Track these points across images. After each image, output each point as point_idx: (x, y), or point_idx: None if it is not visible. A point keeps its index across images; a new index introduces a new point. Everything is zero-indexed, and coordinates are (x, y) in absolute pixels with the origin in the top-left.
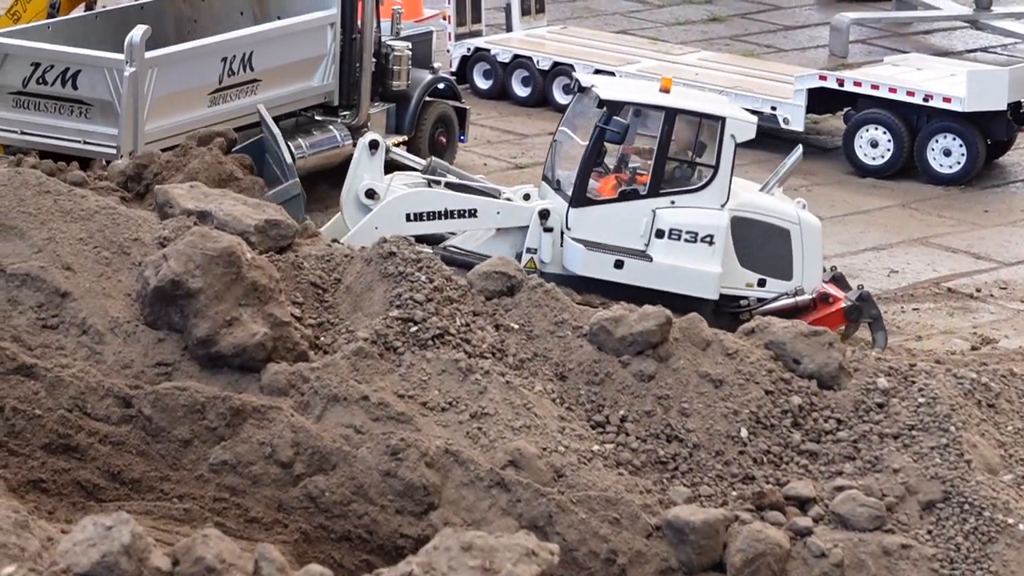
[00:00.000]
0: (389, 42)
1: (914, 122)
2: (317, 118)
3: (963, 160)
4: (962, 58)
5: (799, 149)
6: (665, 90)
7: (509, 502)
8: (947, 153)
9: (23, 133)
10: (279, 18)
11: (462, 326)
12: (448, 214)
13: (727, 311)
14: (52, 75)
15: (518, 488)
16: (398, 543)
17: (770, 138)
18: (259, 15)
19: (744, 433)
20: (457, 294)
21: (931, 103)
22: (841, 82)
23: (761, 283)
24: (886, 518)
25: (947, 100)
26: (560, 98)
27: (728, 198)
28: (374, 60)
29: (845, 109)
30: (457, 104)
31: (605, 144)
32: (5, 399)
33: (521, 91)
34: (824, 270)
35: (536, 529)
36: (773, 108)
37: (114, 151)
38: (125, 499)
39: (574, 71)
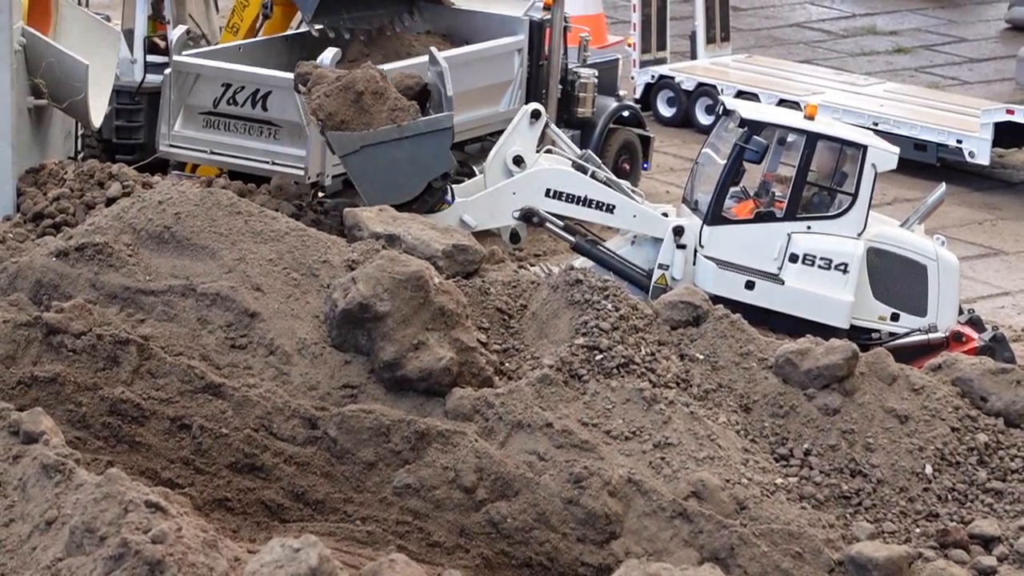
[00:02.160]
0: (575, 69)
1: None
2: None
3: None
4: None
5: (943, 187)
6: (810, 117)
7: (691, 533)
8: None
9: (212, 153)
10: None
11: (647, 355)
12: (587, 202)
13: (857, 343)
14: (242, 96)
15: (700, 519)
16: (579, 571)
17: (955, 171)
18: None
19: (929, 470)
20: (643, 323)
21: None
22: None
23: (894, 317)
24: None
25: None
26: None
27: (865, 227)
28: (560, 87)
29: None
30: (641, 132)
31: (743, 164)
32: (193, 417)
33: (705, 119)
34: (961, 311)
35: (718, 561)
36: (959, 141)
37: (302, 172)
38: (308, 520)
39: (756, 99)
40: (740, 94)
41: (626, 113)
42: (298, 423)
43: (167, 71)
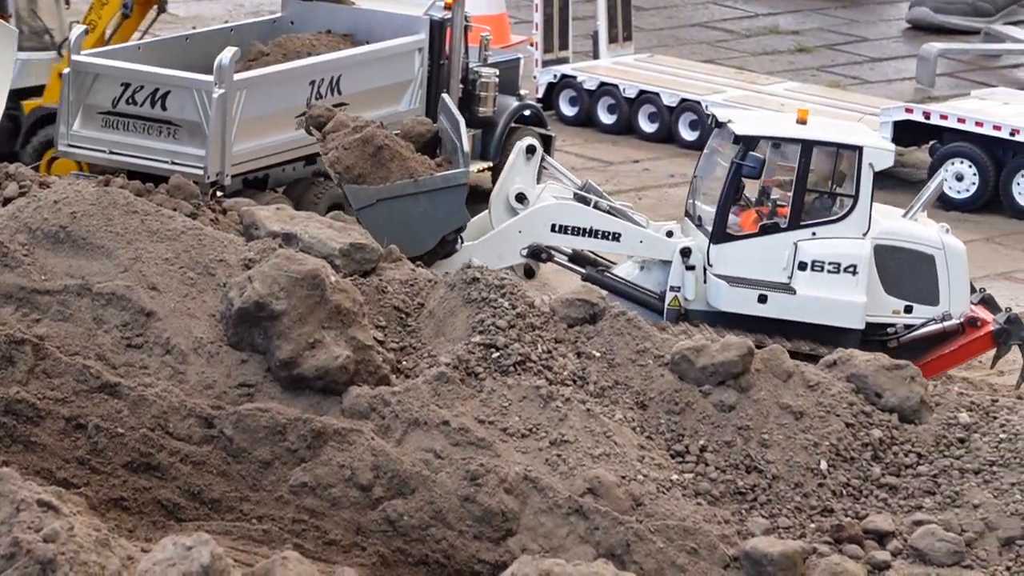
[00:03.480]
0: (476, 68)
1: (1000, 156)
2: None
3: None
4: None
5: (941, 173)
6: (802, 121)
7: (587, 530)
8: None
9: (112, 153)
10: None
11: (544, 353)
12: (593, 232)
13: (874, 339)
14: (142, 95)
15: (596, 516)
16: (475, 568)
17: None
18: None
19: (824, 465)
20: (539, 321)
21: (1017, 137)
22: (927, 115)
23: (908, 310)
24: (965, 554)
25: None
26: (645, 126)
27: (869, 227)
28: (461, 86)
29: (931, 142)
30: (543, 131)
31: (742, 180)
32: (88, 417)
33: (607, 119)
34: (973, 290)
35: (613, 557)
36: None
37: (202, 172)
38: (205, 519)
39: (694, 101)
40: (642, 93)
41: (527, 112)
42: (194, 422)
43: (65, 71)
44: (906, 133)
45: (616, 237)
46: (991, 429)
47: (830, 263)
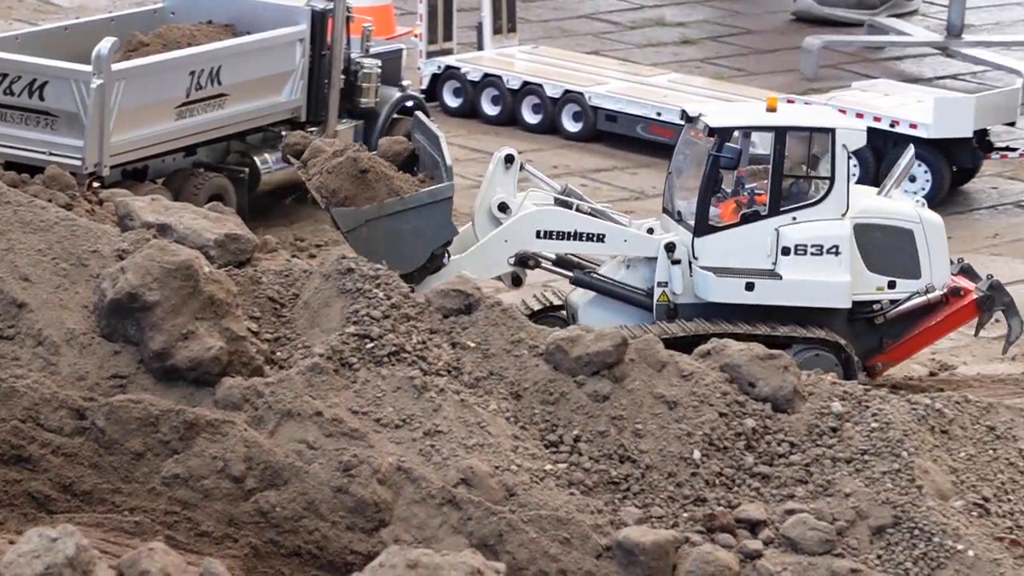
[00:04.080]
0: (358, 59)
1: (881, 147)
2: (284, 133)
3: (928, 186)
4: (932, 85)
5: (911, 149)
6: (772, 109)
7: (460, 520)
8: (912, 179)
9: None
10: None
11: (418, 343)
12: (577, 236)
13: (861, 317)
14: (19, 86)
15: (469, 506)
16: (348, 559)
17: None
18: None
19: (697, 455)
20: (414, 311)
21: (897, 129)
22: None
23: (891, 285)
24: (836, 542)
25: (913, 126)
26: (529, 117)
27: (848, 207)
28: (343, 77)
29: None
30: None
31: (720, 171)
32: None
33: (491, 110)
34: (952, 263)
35: (486, 548)
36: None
37: (80, 163)
38: (76, 511)
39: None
40: (525, 85)
41: (410, 103)
42: (66, 414)
43: None
44: None
45: (601, 238)
46: (863, 418)
47: (813, 246)
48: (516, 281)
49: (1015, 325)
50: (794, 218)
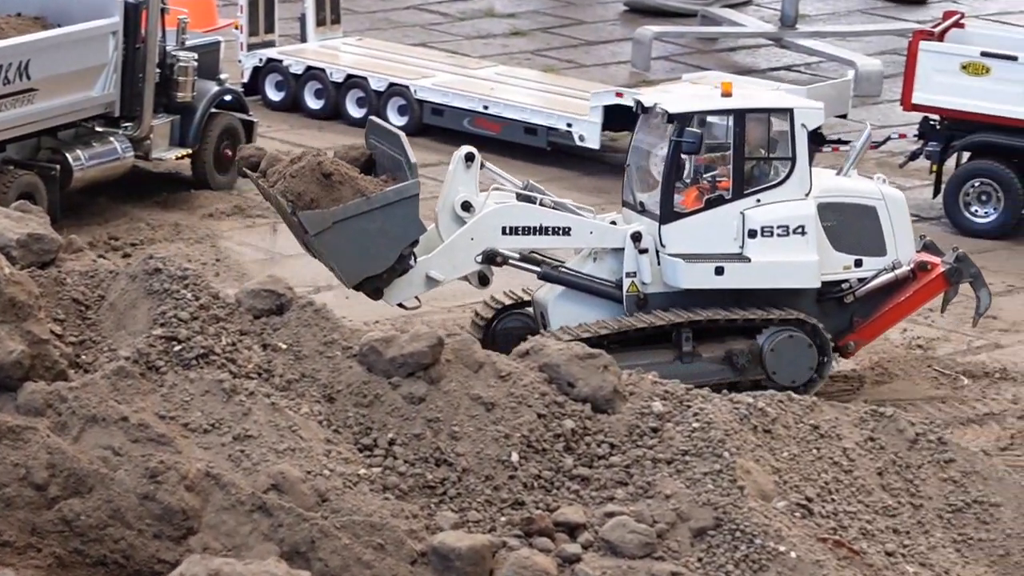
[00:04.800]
0: (174, 52)
1: None
2: (98, 129)
3: None
4: (766, 76)
5: (868, 128)
6: (727, 94)
7: (271, 527)
8: None
9: None
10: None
11: (228, 345)
12: (543, 230)
13: (830, 297)
14: None
15: (280, 513)
16: (155, 568)
17: (565, 155)
18: None
19: (515, 457)
20: (224, 312)
21: None
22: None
23: (858, 263)
24: (656, 545)
25: None
26: (353, 111)
27: (811, 187)
28: (158, 70)
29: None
30: (244, 116)
31: (683, 157)
32: None
33: (314, 104)
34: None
35: (298, 555)
36: (569, 125)
37: None
38: None
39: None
40: (349, 78)
41: (228, 97)
42: None
43: None
44: (617, 118)
45: (567, 231)
46: (684, 418)
47: (779, 227)
48: (483, 280)
49: (983, 296)
50: (758, 200)
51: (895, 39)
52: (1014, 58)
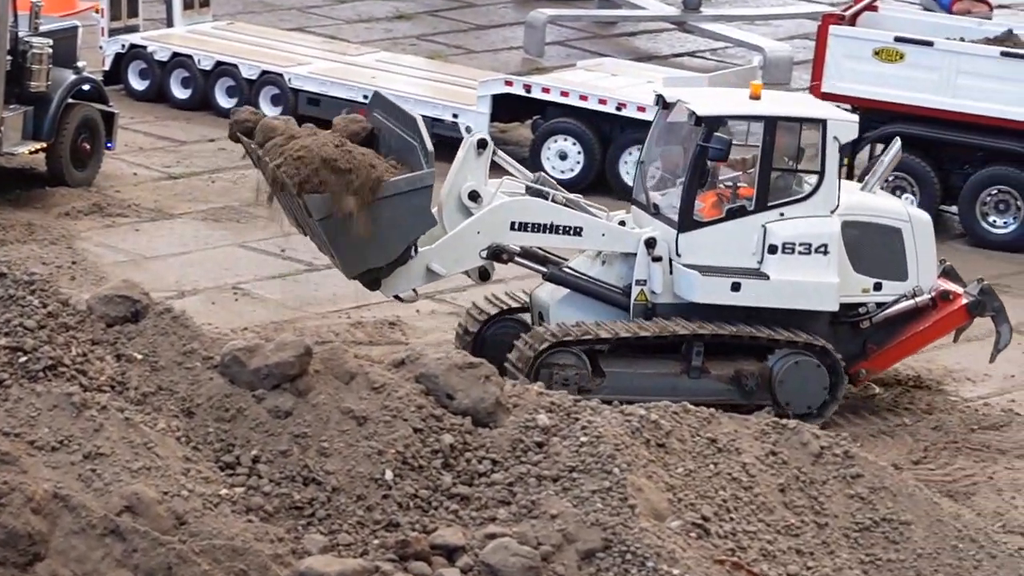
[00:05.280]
0: (26, 38)
1: (607, 132)
2: None
3: None
4: (667, 63)
5: (897, 142)
6: (755, 97)
7: (124, 552)
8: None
9: None
10: None
11: (78, 356)
12: (554, 229)
13: (845, 321)
14: None
15: (135, 537)
16: None
17: (452, 148)
18: None
19: (389, 475)
20: (74, 320)
21: (624, 112)
22: (528, 88)
23: (877, 287)
24: (540, 568)
25: (641, 109)
26: (223, 101)
27: (837, 203)
28: (9, 58)
29: (534, 117)
30: (104, 107)
31: (709, 163)
32: None
33: (181, 93)
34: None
35: None
36: (455, 116)
37: None
38: None
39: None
40: (219, 65)
41: (86, 87)
42: None
43: None
44: (507, 108)
45: (578, 232)
46: (572, 432)
47: (801, 244)
48: (483, 276)
49: (1004, 332)
50: (782, 214)
51: (806, 23)
52: (930, 44)
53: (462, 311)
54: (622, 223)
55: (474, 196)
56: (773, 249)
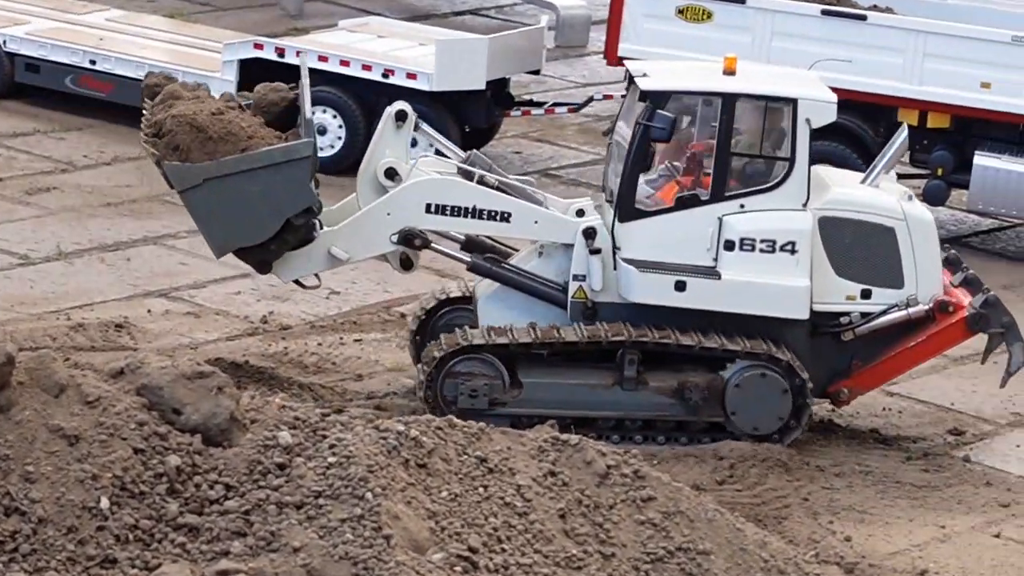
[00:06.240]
0: None
1: (373, 103)
2: None
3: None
4: (446, 22)
5: (904, 129)
6: (730, 71)
7: None
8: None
9: None
10: None
11: None
12: (477, 213)
13: (826, 331)
14: None
15: None
16: None
17: None
18: None
19: (105, 503)
20: None
21: (393, 80)
22: (281, 52)
23: (865, 295)
24: None
25: (412, 76)
26: None
27: (809, 195)
28: None
29: (289, 86)
30: None
31: (652, 144)
32: None
33: None
34: (958, 268)
35: None
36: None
37: None
38: None
39: None
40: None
41: None
42: None
43: None
44: (259, 75)
45: (506, 217)
46: (319, 451)
47: (763, 241)
48: (405, 264)
49: (1016, 352)
50: (742, 205)
51: None
52: (742, 0)
53: (203, 310)
54: (580, 212)
55: (391, 174)
56: (730, 245)
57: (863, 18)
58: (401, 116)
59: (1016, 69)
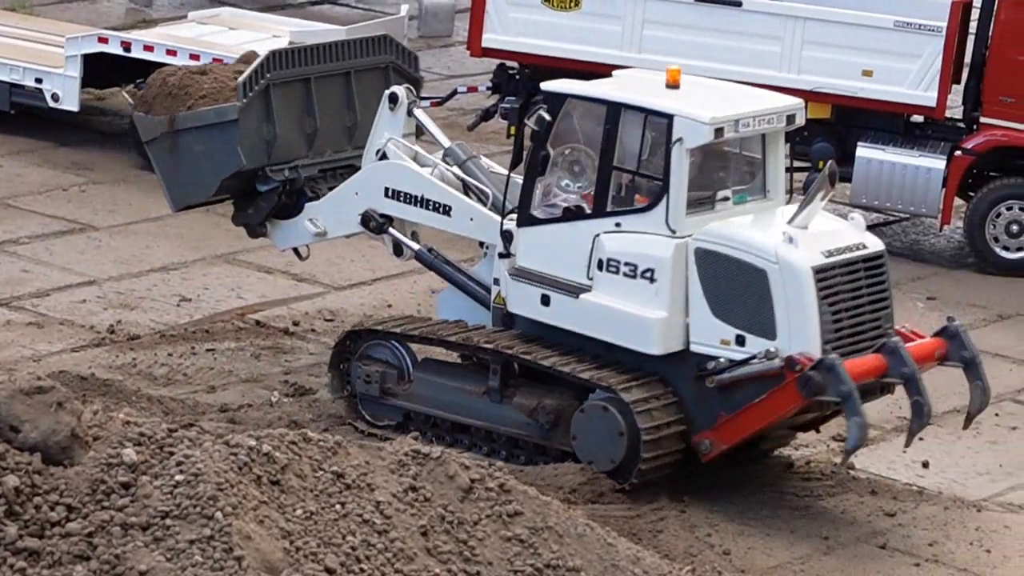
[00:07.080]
0: None
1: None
2: None
3: None
4: (302, 12)
5: (831, 165)
6: (673, 85)
7: None
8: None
9: None
10: None
11: None
12: (424, 203)
13: (697, 374)
14: None
15: None
16: None
17: (37, 121)
18: None
19: None
20: None
21: None
22: (127, 46)
23: (740, 340)
24: None
25: None
26: None
27: (682, 222)
28: None
29: (136, 81)
30: None
31: (544, 147)
32: None
33: None
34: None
35: None
36: (39, 81)
37: None
38: None
39: None
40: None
41: None
42: None
43: None
44: (104, 71)
45: (446, 210)
46: (165, 469)
47: (626, 264)
48: (397, 251)
49: (853, 428)
50: (618, 224)
51: None
52: None
53: (47, 320)
54: None
55: (384, 157)
56: (601, 264)
57: (738, 4)
58: (392, 99)
59: (899, 56)
